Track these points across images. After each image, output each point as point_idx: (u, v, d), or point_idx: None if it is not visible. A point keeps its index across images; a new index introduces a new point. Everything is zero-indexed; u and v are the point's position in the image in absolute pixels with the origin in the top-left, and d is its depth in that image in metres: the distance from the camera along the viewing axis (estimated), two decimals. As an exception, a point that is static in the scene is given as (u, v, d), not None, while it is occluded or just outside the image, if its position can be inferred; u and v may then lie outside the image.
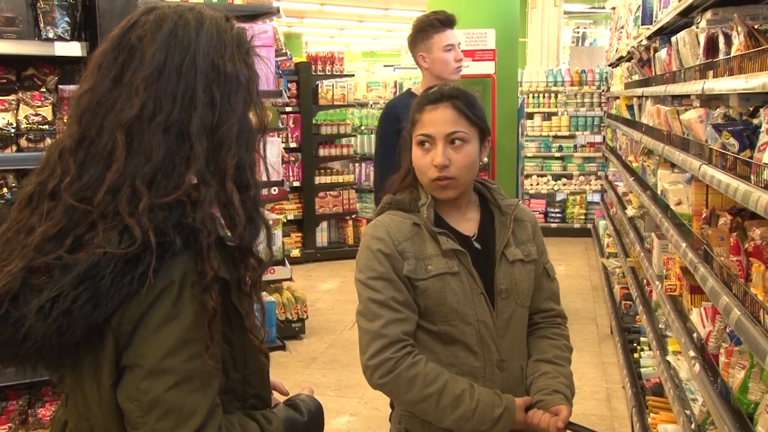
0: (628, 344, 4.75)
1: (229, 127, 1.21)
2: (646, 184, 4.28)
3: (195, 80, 1.19)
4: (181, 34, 1.21)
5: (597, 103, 9.65)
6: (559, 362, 1.90)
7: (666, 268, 3.31)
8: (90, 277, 1.08)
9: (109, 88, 1.19)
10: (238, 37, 1.27)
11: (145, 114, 1.16)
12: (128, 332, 1.12)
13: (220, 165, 1.20)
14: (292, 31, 20.00)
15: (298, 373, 5.00)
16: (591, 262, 8.20)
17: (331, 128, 8.36)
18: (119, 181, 1.13)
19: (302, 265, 7.89)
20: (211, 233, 1.15)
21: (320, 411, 1.42)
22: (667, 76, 3.60)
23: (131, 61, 1.19)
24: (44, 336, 1.07)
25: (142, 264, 1.09)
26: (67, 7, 2.60)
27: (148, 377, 1.12)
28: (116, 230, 1.10)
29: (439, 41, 3.24)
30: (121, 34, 1.22)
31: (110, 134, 1.16)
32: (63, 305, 1.07)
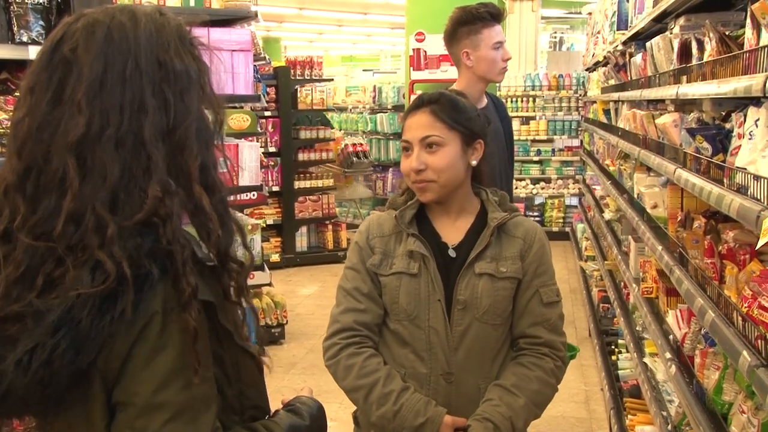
0: (606, 347, 4.78)
1: (187, 127, 1.13)
2: (622, 188, 4.32)
3: (141, 84, 1.10)
4: (117, 38, 1.10)
5: (574, 108, 9.73)
6: (513, 391, 1.79)
7: (643, 271, 3.35)
8: (66, 322, 1.00)
9: (48, 111, 1.08)
10: (178, 30, 1.17)
11: (92, 131, 1.06)
12: (116, 369, 1.06)
13: (183, 169, 1.12)
14: (270, 35, 19.96)
15: (278, 379, 4.98)
16: (569, 265, 8.26)
17: (310, 132, 8.34)
18: (78, 208, 1.04)
19: (282, 270, 7.86)
20: (185, 247, 1.08)
21: (322, 412, 1.39)
22: (643, 80, 3.64)
23: (68, 77, 1.09)
24: (27, 390, 1.01)
25: (121, 300, 1.02)
26: (41, 10, 2.58)
27: (142, 415, 1.06)
28: (87, 267, 1.02)
29: (489, 37, 2.83)
30: (50, 49, 1.12)
31: (59, 159, 1.06)
32: (42, 356, 0.99)
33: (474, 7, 2.84)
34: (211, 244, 1.14)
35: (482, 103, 2.89)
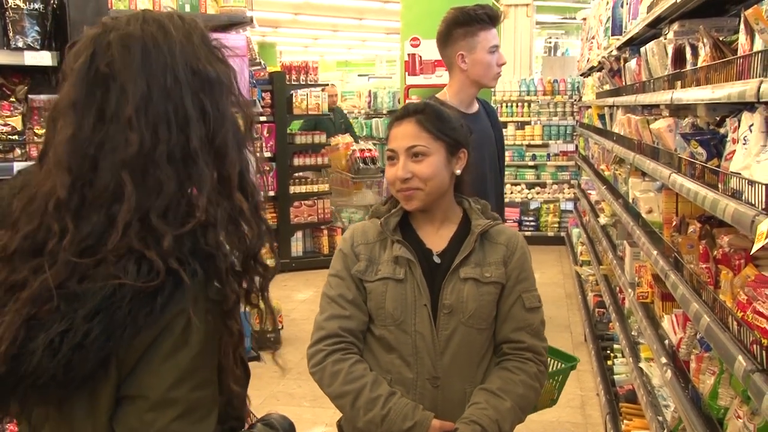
0: (602, 351, 4.79)
1: (224, 134, 1.14)
2: (618, 193, 4.32)
3: (182, 95, 1.11)
4: (155, 54, 1.12)
5: (569, 113, 9.74)
6: (499, 395, 1.81)
7: (638, 276, 3.35)
8: (105, 308, 1.02)
9: (93, 126, 1.10)
10: (202, 36, 1.18)
11: (145, 147, 1.08)
12: (133, 361, 1.07)
13: (223, 177, 1.13)
14: (266, 40, 19.96)
15: (273, 384, 4.97)
16: (565, 270, 8.26)
17: (305, 138, 8.34)
18: (131, 219, 1.06)
19: (277, 275, 7.81)
20: (227, 256, 1.11)
21: (292, 427, 1.41)
22: (637, 86, 3.65)
23: (109, 92, 1.10)
24: (52, 373, 1.01)
25: (162, 296, 1.04)
26: (36, 16, 2.58)
27: (153, 409, 1.07)
28: (131, 261, 1.04)
29: (486, 40, 2.74)
30: (86, 64, 1.12)
31: (111, 175, 1.07)
32: (74, 339, 1.01)
33: (471, 8, 2.75)
34: (242, 247, 1.15)
35: (473, 109, 2.84)
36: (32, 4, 2.57)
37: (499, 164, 2.92)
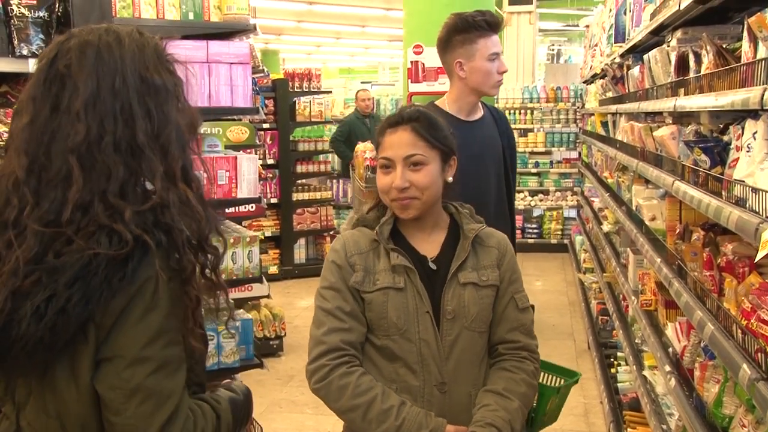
0: (605, 359, 4.77)
1: (168, 133, 1.32)
2: (621, 200, 4.32)
3: (129, 97, 1.29)
4: (106, 58, 1.29)
5: (572, 120, 9.75)
6: (506, 395, 1.84)
7: (641, 283, 3.34)
8: (83, 276, 1.18)
9: (48, 117, 1.27)
10: (156, 48, 1.36)
11: (92, 137, 1.25)
12: (109, 326, 1.22)
13: (168, 170, 1.30)
14: (269, 47, 20.02)
15: (276, 391, 4.96)
16: (568, 277, 8.25)
17: (308, 145, 8.35)
18: (84, 199, 1.23)
19: (280, 282, 7.84)
20: (183, 230, 1.27)
21: (250, 392, 1.57)
22: (640, 93, 3.65)
23: (64, 89, 1.28)
24: (39, 336, 1.16)
25: (132, 261, 1.21)
26: (41, 24, 2.58)
27: (130, 366, 1.22)
28: (103, 234, 1.21)
29: (485, 48, 2.67)
30: (47, 65, 1.30)
31: (62, 160, 1.24)
32: (58, 304, 1.16)
33: (470, 15, 2.68)
34: (193, 230, 1.32)
35: (476, 115, 2.79)
36: (37, 12, 2.58)
37: (508, 172, 2.86)
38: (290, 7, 14.38)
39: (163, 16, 2.87)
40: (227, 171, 2.95)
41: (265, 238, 7.84)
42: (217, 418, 1.39)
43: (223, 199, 2.99)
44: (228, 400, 1.46)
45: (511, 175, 2.89)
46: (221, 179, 2.95)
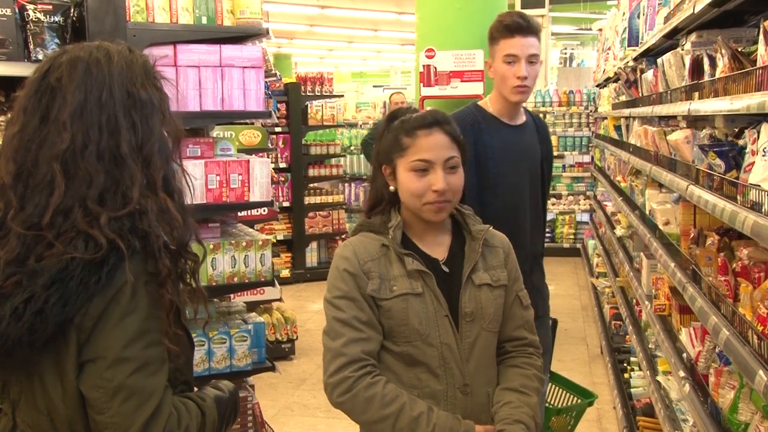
0: (619, 364, 4.75)
1: (151, 145, 1.39)
2: (634, 204, 4.30)
3: (115, 109, 1.36)
4: (95, 72, 1.37)
5: (585, 124, 9.72)
6: (525, 391, 1.86)
7: (655, 288, 3.32)
8: (60, 279, 1.24)
9: (37, 126, 1.34)
10: (144, 65, 1.44)
11: (76, 145, 1.32)
12: (89, 328, 1.28)
13: (150, 180, 1.38)
14: (281, 51, 20.10)
15: (287, 395, 4.96)
16: (580, 281, 8.21)
17: (320, 148, 8.37)
18: (65, 204, 1.30)
19: (292, 286, 7.85)
20: (159, 237, 1.34)
21: (237, 391, 1.62)
22: (654, 97, 3.64)
23: (54, 101, 1.35)
24: (17, 336, 1.22)
25: (107, 265, 1.27)
26: (56, 29, 2.61)
27: (111, 366, 1.28)
28: (80, 239, 1.27)
29: (502, 49, 2.61)
30: (39, 78, 1.38)
31: (47, 166, 1.31)
32: (35, 306, 1.23)
33: (504, 14, 2.68)
34: (173, 237, 1.38)
35: (516, 121, 2.73)
36: (53, 17, 2.60)
37: (544, 181, 2.82)
38: (303, 11, 14.44)
39: (176, 20, 2.88)
40: (240, 174, 2.96)
41: (277, 241, 7.85)
42: (202, 414, 1.44)
43: (236, 203, 2.99)
44: (213, 397, 1.51)
45: (546, 180, 2.84)
46: (234, 183, 2.96)
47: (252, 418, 3.17)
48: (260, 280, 3.13)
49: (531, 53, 2.59)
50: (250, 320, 3.18)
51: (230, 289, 3.14)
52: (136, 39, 2.74)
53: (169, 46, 2.85)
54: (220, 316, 3.21)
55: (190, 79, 2.88)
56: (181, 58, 2.86)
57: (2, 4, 2.51)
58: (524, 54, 2.58)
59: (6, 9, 2.51)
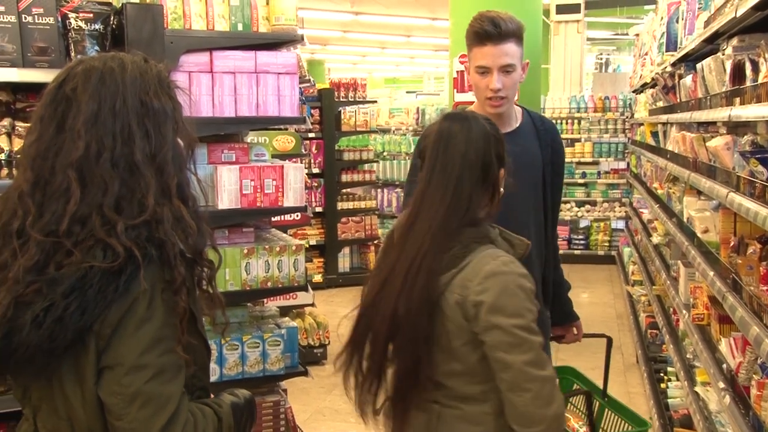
0: (655, 374, 4.67)
1: (165, 153, 1.40)
2: (671, 212, 4.23)
3: (128, 118, 1.38)
4: (108, 81, 1.39)
5: (621, 130, 9.60)
6: None
7: (693, 297, 3.26)
8: (79, 287, 1.26)
9: (53, 135, 1.36)
10: (158, 75, 1.46)
11: (90, 153, 1.34)
12: (107, 336, 1.30)
13: (164, 187, 1.39)
14: (315, 58, 20.23)
15: (319, 400, 4.97)
16: (615, 289, 8.10)
17: (353, 154, 8.39)
18: (82, 212, 1.31)
19: (324, 291, 7.87)
20: (175, 245, 1.35)
21: (253, 398, 1.63)
22: (693, 102, 3.58)
23: (69, 110, 1.37)
24: (38, 343, 1.25)
25: (124, 274, 1.29)
26: (97, 36, 2.65)
27: (129, 373, 1.31)
28: (98, 248, 1.29)
29: (473, 59, 2.41)
30: (55, 88, 1.40)
31: (63, 174, 1.33)
32: (55, 314, 1.25)
33: (473, 20, 2.42)
34: (188, 244, 1.39)
35: (507, 127, 2.43)
36: (93, 25, 2.64)
37: (546, 188, 2.53)
38: (336, 18, 14.52)
39: (213, 27, 2.91)
40: (274, 180, 2.97)
41: (310, 246, 7.88)
42: (218, 420, 1.46)
43: (270, 208, 3.01)
44: (230, 404, 1.53)
45: (549, 191, 2.55)
46: (268, 188, 2.97)
47: (285, 422, 3.18)
48: (293, 284, 3.14)
49: (504, 63, 2.34)
50: (283, 325, 3.19)
51: (264, 293, 3.16)
52: (173, 46, 2.78)
53: (206, 52, 2.89)
54: (253, 321, 3.23)
55: (225, 85, 2.91)
56: (217, 65, 2.89)
57: (46, 13, 2.56)
58: (496, 64, 2.34)
59: (50, 18, 2.56)
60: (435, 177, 1.76)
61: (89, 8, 2.65)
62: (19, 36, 2.53)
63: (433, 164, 1.78)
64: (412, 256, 1.72)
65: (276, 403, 3.15)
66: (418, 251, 1.72)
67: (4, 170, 2.58)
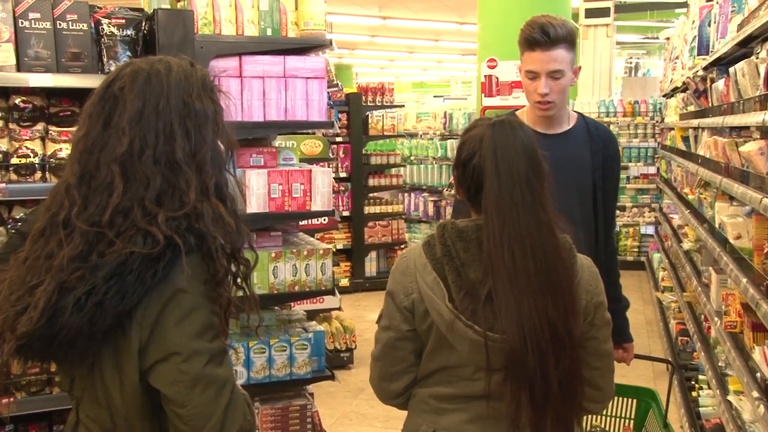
0: (686, 382, 4.60)
1: (204, 153, 1.46)
2: (702, 217, 4.17)
3: (171, 117, 1.43)
4: (154, 82, 1.45)
5: (651, 134, 9.49)
6: None
7: (725, 304, 3.21)
8: (119, 272, 1.31)
9: (100, 131, 1.43)
10: (202, 79, 1.52)
11: (134, 149, 1.40)
12: (150, 324, 1.35)
13: (202, 185, 1.44)
14: (342, 62, 20.32)
15: (345, 404, 4.98)
16: (644, 296, 8.00)
17: (380, 158, 8.40)
18: (124, 205, 1.37)
19: (351, 295, 7.89)
20: (216, 238, 1.40)
21: None
22: (725, 107, 3.52)
23: (116, 108, 1.43)
24: (79, 326, 1.29)
25: (163, 260, 1.34)
26: (128, 41, 2.69)
27: (186, 360, 1.35)
28: (139, 235, 1.34)
29: (524, 63, 2.49)
30: (105, 87, 1.47)
31: (107, 168, 1.39)
32: (96, 297, 1.30)
33: (525, 25, 2.49)
34: (227, 241, 1.44)
35: (555, 129, 2.54)
36: (125, 30, 2.69)
37: (596, 194, 2.54)
38: (364, 22, 14.56)
39: (242, 32, 2.94)
40: (302, 184, 2.99)
41: (337, 250, 7.91)
42: (248, 405, 1.52)
43: (298, 212, 3.02)
44: None
45: (601, 197, 2.56)
46: (296, 192, 2.99)
47: (311, 426, 3.19)
48: (321, 288, 3.15)
49: (552, 69, 2.40)
50: (310, 329, 3.20)
51: (291, 297, 3.17)
52: (203, 51, 2.81)
53: (235, 57, 2.91)
54: (280, 324, 3.24)
55: (254, 90, 2.93)
56: (246, 69, 2.91)
57: (80, 20, 2.60)
58: (544, 70, 2.41)
59: (83, 24, 2.61)
60: (516, 191, 1.67)
61: (121, 14, 2.70)
62: (54, 42, 2.58)
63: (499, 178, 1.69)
64: (545, 271, 1.65)
65: (303, 407, 3.15)
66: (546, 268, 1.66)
67: (38, 174, 2.63)
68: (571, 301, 1.66)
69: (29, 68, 2.56)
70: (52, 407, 2.66)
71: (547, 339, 1.60)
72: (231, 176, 1.54)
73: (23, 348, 1.32)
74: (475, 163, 1.71)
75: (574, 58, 2.48)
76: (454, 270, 1.66)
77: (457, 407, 1.73)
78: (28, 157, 2.61)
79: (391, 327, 1.81)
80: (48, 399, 2.63)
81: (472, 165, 1.72)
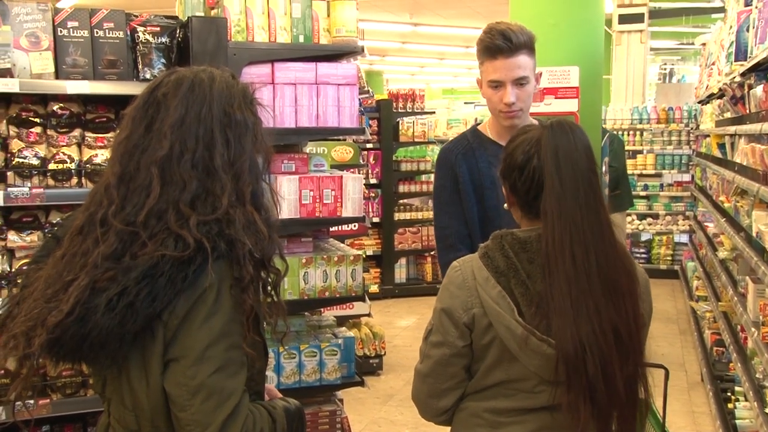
0: (721, 393, 4.51)
1: (242, 162, 1.48)
2: (739, 226, 4.10)
3: (212, 125, 1.46)
4: (197, 90, 1.48)
5: (685, 141, 9.35)
6: None
7: (763, 315, 3.15)
8: (150, 275, 1.33)
9: (142, 134, 1.46)
10: (243, 91, 1.55)
11: (174, 153, 1.43)
12: (175, 326, 1.36)
13: (239, 193, 1.46)
14: (373, 69, 20.37)
15: (374, 410, 4.97)
16: (678, 305, 7.88)
17: (411, 165, 8.40)
18: (159, 207, 1.39)
19: (380, 301, 7.89)
20: (245, 244, 1.40)
21: (302, 409, 1.65)
22: (763, 113, 3.46)
23: (158, 113, 1.47)
24: (110, 326, 1.30)
25: (194, 264, 1.35)
26: (163, 49, 2.73)
27: (194, 365, 1.35)
28: (171, 239, 1.36)
29: (486, 72, 2.37)
30: (149, 92, 1.51)
31: (146, 170, 1.42)
32: (127, 299, 1.31)
33: (483, 32, 2.38)
34: (259, 249, 1.44)
35: None
36: (160, 38, 2.73)
37: None
38: (395, 29, 14.59)
39: (275, 39, 2.96)
40: (333, 190, 3.00)
41: (367, 256, 7.91)
42: (273, 421, 1.50)
43: (329, 218, 3.03)
44: (282, 408, 1.57)
45: None
46: (327, 198, 3.00)
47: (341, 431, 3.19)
48: (351, 294, 3.16)
49: (517, 76, 2.30)
50: (340, 334, 3.20)
51: (321, 303, 3.18)
52: (236, 57, 2.83)
53: (267, 64, 2.93)
54: (311, 330, 3.25)
55: (286, 96, 2.95)
56: (278, 76, 2.94)
57: (116, 28, 2.65)
58: (509, 78, 2.30)
59: (119, 32, 2.65)
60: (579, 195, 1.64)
61: (156, 22, 2.74)
62: (91, 50, 2.63)
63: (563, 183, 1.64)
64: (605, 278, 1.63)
65: (332, 413, 3.16)
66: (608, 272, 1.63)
67: (74, 179, 2.68)
68: (634, 304, 1.62)
69: (67, 75, 2.61)
70: (87, 409, 2.70)
71: (610, 343, 1.55)
72: (267, 186, 1.56)
73: (55, 345, 1.32)
74: (534, 165, 1.66)
75: (535, 64, 2.38)
76: (521, 283, 1.61)
77: (515, 420, 1.68)
78: (65, 162, 2.66)
79: (445, 343, 1.71)
80: (83, 401, 2.67)
81: (531, 167, 1.66)
